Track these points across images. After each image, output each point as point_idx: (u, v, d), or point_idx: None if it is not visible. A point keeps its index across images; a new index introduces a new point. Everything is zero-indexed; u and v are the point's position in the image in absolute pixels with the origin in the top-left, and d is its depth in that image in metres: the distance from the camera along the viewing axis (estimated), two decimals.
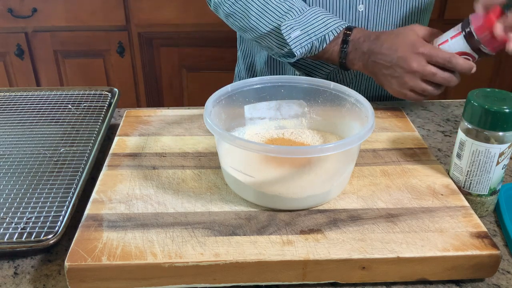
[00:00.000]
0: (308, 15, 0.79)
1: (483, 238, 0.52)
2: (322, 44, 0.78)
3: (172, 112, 0.78)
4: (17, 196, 0.61)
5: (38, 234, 0.54)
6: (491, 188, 0.59)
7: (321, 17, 0.78)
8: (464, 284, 0.52)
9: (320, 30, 0.78)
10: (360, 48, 0.77)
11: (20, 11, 1.71)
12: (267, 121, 0.69)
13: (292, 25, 0.78)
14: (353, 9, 0.85)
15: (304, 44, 0.78)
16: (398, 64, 0.73)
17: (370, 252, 0.50)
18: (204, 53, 1.79)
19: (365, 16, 0.86)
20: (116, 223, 0.54)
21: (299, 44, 0.78)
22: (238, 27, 0.86)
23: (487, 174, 0.58)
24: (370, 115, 0.58)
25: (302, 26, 0.78)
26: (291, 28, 0.78)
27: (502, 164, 0.57)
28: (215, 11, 0.89)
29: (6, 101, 0.84)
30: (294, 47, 0.78)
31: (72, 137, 0.73)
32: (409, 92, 0.74)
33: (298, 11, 0.79)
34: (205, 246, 0.51)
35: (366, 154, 0.67)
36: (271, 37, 0.81)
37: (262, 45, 0.86)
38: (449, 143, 0.76)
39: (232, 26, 0.87)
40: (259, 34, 0.82)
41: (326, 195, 0.57)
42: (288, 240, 0.52)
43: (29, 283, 0.51)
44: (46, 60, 1.80)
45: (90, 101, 0.83)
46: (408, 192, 0.60)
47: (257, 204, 0.57)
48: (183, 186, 0.60)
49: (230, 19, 0.86)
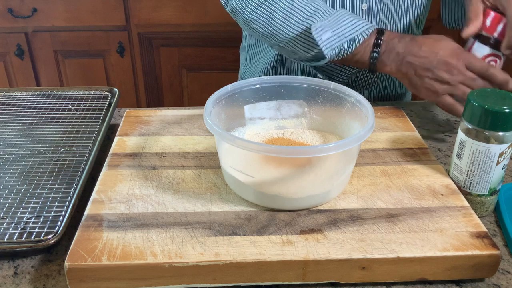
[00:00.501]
0: (336, 16, 0.76)
1: (483, 238, 0.52)
2: (351, 46, 0.76)
3: (172, 112, 0.78)
4: (17, 196, 0.61)
5: (38, 234, 0.54)
6: (491, 188, 0.59)
7: (350, 19, 0.76)
8: (464, 284, 0.52)
9: (350, 32, 0.75)
10: (394, 49, 0.75)
11: (20, 11, 1.71)
12: (267, 121, 0.69)
13: (323, 26, 0.76)
14: (357, 7, 0.85)
15: (334, 46, 0.76)
16: (438, 67, 0.71)
17: (370, 252, 0.50)
18: (204, 53, 1.79)
19: (369, 15, 0.86)
20: (116, 223, 0.54)
21: (330, 46, 0.76)
22: (260, 33, 0.82)
23: (487, 174, 0.58)
24: (370, 115, 0.58)
25: (333, 28, 0.76)
26: (322, 30, 0.75)
27: (502, 164, 0.57)
28: (233, 16, 0.86)
29: (6, 101, 0.84)
30: (325, 49, 0.75)
31: (72, 137, 0.73)
32: (446, 97, 0.72)
33: (325, 13, 0.77)
34: (205, 246, 0.51)
35: (366, 154, 0.67)
36: (298, 40, 0.79)
37: (285, 50, 0.83)
38: (449, 143, 0.76)
39: (253, 31, 0.84)
40: (284, 38, 0.80)
41: (326, 195, 0.57)
42: (288, 240, 0.52)
43: (29, 283, 0.51)
44: (46, 60, 1.80)
45: (90, 101, 0.83)
46: (408, 192, 0.60)
47: (257, 204, 0.57)
48: (183, 186, 0.60)
49: (251, 24, 0.83)
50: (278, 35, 0.80)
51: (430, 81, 0.73)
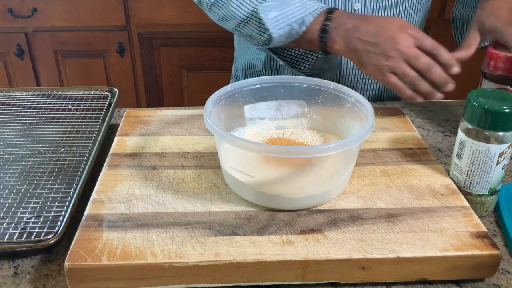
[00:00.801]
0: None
1: (483, 238, 0.52)
2: (301, 26, 0.76)
3: (172, 112, 0.78)
4: (17, 196, 0.61)
5: (38, 234, 0.54)
6: (491, 188, 0.59)
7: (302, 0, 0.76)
8: (464, 284, 0.52)
9: (299, 12, 0.76)
10: (343, 25, 0.74)
11: (20, 11, 1.71)
12: (267, 121, 0.69)
13: (271, 6, 0.77)
14: (349, 6, 0.85)
15: (282, 26, 0.76)
16: (385, 42, 0.70)
17: (370, 252, 0.50)
18: (204, 53, 1.79)
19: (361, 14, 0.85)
20: (116, 223, 0.54)
21: (277, 25, 0.76)
22: (220, 17, 0.84)
23: (487, 174, 0.58)
24: (370, 115, 0.58)
25: (281, 7, 0.76)
26: (268, 9, 0.76)
27: (502, 164, 0.57)
28: (199, 4, 0.87)
29: (6, 101, 0.84)
30: (271, 27, 0.76)
31: (72, 137, 0.73)
32: (391, 76, 0.71)
33: None
34: (205, 246, 0.51)
35: (366, 154, 0.67)
36: (250, 22, 0.79)
37: (244, 34, 0.84)
38: (449, 143, 0.76)
39: (214, 17, 0.86)
40: (239, 21, 0.81)
41: (326, 195, 0.57)
42: (288, 240, 0.52)
43: (29, 283, 0.51)
44: (46, 60, 1.80)
45: (90, 101, 0.83)
46: (408, 192, 0.60)
47: (257, 204, 0.57)
48: (183, 186, 0.60)
49: (213, 8, 0.84)
50: (235, 17, 0.81)
51: (376, 57, 0.71)
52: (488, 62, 0.71)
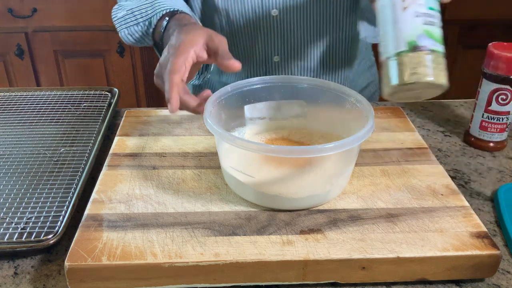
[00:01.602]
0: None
1: (483, 238, 0.52)
2: (149, 28, 0.75)
3: None
4: (17, 196, 0.61)
5: (38, 234, 0.54)
6: (409, 42, 0.51)
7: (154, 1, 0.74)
8: (464, 284, 0.52)
9: (147, 13, 0.75)
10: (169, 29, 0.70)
11: (20, 11, 1.71)
12: (267, 121, 0.69)
13: (124, 6, 0.78)
14: (267, 13, 0.83)
15: (129, 25, 0.77)
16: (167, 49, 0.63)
17: (370, 252, 0.50)
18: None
19: (280, 21, 0.84)
20: (116, 223, 0.54)
21: (125, 25, 0.77)
22: None
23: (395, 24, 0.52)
24: (370, 115, 0.58)
25: (131, 7, 0.76)
26: (119, 8, 0.78)
27: (411, 10, 0.51)
28: None
29: (6, 101, 0.84)
30: (118, 26, 0.78)
31: (72, 137, 0.73)
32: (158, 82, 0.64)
33: None
34: (205, 246, 0.51)
35: (366, 154, 0.67)
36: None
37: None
38: (449, 143, 0.76)
39: None
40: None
41: (326, 195, 0.57)
42: (288, 240, 0.52)
43: (29, 283, 0.51)
44: (46, 60, 1.80)
45: (90, 101, 0.83)
46: (408, 192, 0.60)
47: (257, 204, 0.57)
48: (183, 186, 0.60)
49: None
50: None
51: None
52: (488, 62, 0.71)
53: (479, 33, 1.79)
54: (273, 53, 0.87)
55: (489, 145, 0.74)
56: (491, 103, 0.72)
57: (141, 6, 0.76)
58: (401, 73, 0.51)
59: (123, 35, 0.78)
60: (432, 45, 0.50)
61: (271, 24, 0.84)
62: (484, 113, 0.73)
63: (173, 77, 0.58)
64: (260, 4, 0.82)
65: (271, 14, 0.83)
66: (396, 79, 0.51)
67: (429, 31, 0.51)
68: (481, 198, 0.64)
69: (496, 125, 0.73)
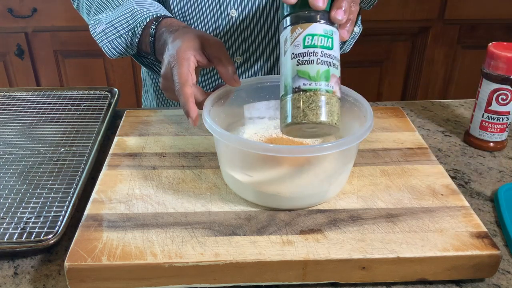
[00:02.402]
0: (122, 8, 0.73)
1: (483, 238, 0.52)
2: (133, 38, 0.72)
3: (172, 112, 0.78)
4: (17, 196, 0.61)
5: (38, 234, 0.54)
6: (285, 85, 0.52)
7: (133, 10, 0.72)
8: (464, 284, 0.52)
9: (129, 23, 0.72)
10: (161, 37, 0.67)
11: (20, 11, 1.71)
12: (266, 121, 0.69)
13: (101, 19, 0.73)
14: (225, 14, 0.82)
15: (112, 39, 0.73)
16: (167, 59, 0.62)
17: (370, 252, 0.50)
18: None
19: (238, 21, 0.83)
20: (116, 223, 0.54)
21: (106, 38, 0.73)
22: None
23: (280, 68, 0.53)
24: (368, 115, 0.58)
25: (111, 19, 0.72)
26: (98, 22, 0.73)
27: (288, 52, 0.51)
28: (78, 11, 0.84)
29: (6, 101, 0.84)
30: (100, 41, 0.74)
31: (72, 137, 0.74)
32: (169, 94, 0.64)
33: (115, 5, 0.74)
34: (205, 246, 0.51)
35: (366, 154, 0.67)
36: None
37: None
38: (449, 143, 0.76)
39: None
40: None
41: (325, 194, 0.57)
42: (288, 240, 0.52)
43: (29, 283, 0.51)
44: (46, 60, 1.80)
45: (90, 101, 0.83)
46: (408, 192, 0.60)
47: (256, 204, 0.57)
48: (183, 186, 0.60)
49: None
50: None
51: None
52: (488, 62, 0.71)
53: (479, 33, 1.79)
54: (235, 54, 0.86)
55: (489, 145, 0.74)
56: (491, 103, 0.72)
57: (119, 18, 0.73)
58: (282, 115, 0.52)
59: (106, 50, 0.75)
60: (306, 84, 0.50)
61: (230, 25, 0.83)
62: (484, 113, 0.73)
63: (185, 90, 0.58)
64: (218, 5, 0.81)
65: (230, 15, 0.82)
66: (281, 121, 0.52)
67: (303, 70, 0.50)
68: (481, 198, 0.64)
69: (496, 125, 0.73)
